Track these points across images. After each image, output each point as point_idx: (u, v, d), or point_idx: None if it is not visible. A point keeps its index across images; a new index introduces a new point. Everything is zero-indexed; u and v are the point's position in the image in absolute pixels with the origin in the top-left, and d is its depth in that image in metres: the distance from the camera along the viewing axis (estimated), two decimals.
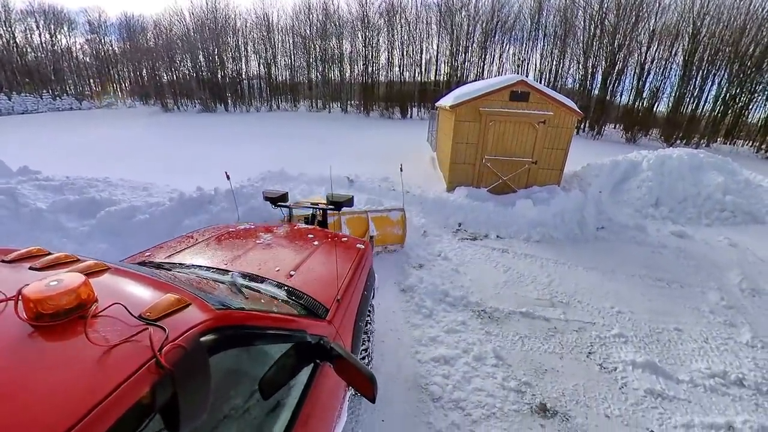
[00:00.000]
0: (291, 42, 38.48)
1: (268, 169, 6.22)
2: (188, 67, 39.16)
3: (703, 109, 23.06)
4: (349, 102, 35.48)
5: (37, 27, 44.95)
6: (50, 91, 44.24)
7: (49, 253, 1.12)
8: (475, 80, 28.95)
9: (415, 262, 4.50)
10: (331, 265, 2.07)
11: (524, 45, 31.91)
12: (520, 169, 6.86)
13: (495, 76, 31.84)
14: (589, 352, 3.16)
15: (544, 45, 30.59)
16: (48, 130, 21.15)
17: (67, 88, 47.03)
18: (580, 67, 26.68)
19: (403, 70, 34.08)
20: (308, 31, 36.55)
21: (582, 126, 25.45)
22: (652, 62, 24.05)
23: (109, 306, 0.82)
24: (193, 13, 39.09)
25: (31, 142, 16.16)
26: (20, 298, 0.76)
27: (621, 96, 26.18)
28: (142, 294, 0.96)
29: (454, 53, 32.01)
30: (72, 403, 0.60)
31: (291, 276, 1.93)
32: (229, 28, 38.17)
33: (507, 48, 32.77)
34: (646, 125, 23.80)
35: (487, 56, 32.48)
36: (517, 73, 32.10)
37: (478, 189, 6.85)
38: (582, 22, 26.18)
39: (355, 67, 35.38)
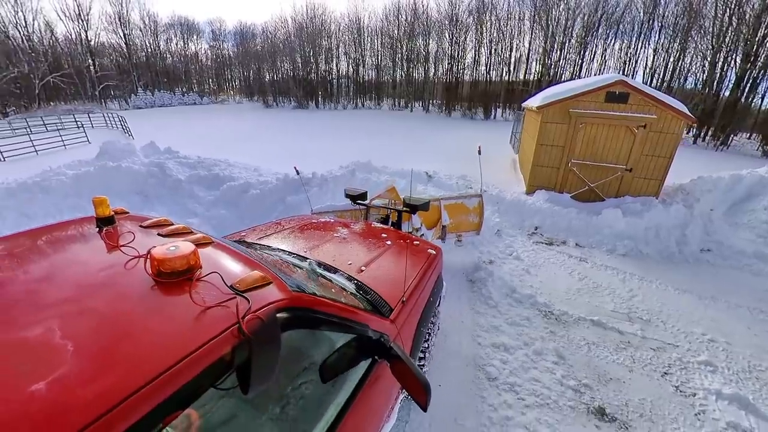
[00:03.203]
0: (379, 43, 40.00)
1: (358, 159, 6.86)
2: (287, 68, 43.53)
3: None
4: (431, 101, 35.52)
5: (175, 36, 54.59)
6: (180, 88, 53.41)
7: (172, 224, 1.32)
8: (571, 79, 26.70)
9: (486, 258, 4.62)
10: (401, 267, 2.10)
11: (633, 39, 28.29)
12: (611, 176, 6.36)
13: (595, 74, 28.87)
14: (665, 373, 2.98)
15: (659, 38, 26.76)
16: (179, 120, 25.70)
17: (193, 87, 56.11)
18: (707, 64, 22.67)
19: (489, 68, 33.04)
20: (396, 32, 37.53)
21: (702, 134, 21.74)
22: None
23: (209, 273, 0.95)
24: (295, 20, 43.10)
25: (168, 129, 19.93)
26: (149, 257, 0.93)
27: (762, 99, 21.61)
28: (235, 267, 1.08)
29: (548, 51, 29.86)
30: (174, 347, 0.72)
31: (361, 271, 2.01)
32: (324, 32, 41.23)
33: (611, 43, 29.42)
34: None
35: (587, 53, 29.59)
36: (623, 72, 28.63)
37: (561, 194, 6.55)
38: (713, 11, 22.14)
39: (440, 66, 35.34)
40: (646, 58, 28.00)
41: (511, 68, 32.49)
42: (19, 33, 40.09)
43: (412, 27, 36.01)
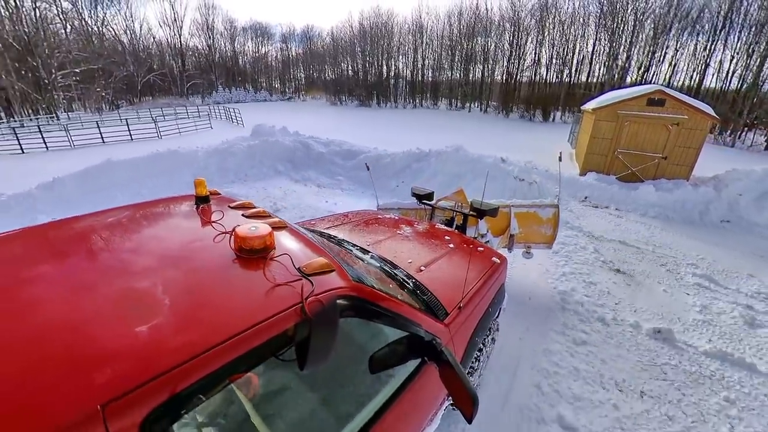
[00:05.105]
0: (439, 44, 41.50)
1: (455, 142, 9.12)
2: (351, 68, 47.02)
3: None
4: (488, 102, 36.36)
5: (250, 39, 60.90)
6: (253, 86, 59.57)
7: (255, 207, 1.51)
8: (640, 82, 26.98)
9: None
10: (461, 272, 2.05)
11: (708, 41, 27.39)
12: (649, 162, 8.13)
13: (665, 77, 28.38)
14: (662, 264, 4.97)
15: (738, 40, 25.75)
16: (267, 113, 29.81)
17: (262, 85, 62.09)
18: None
19: (549, 70, 33.33)
20: (456, 33, 38.67)
21: None
22: None
23: (281, 255, 1.09)
24: (361, 23, 46.15)
25: (265, 120, 23.65)
26: (233, 234, 1.09)
27: None
28: (303, 252, 1.20)
29: (613, 54, 29.72)
30: (246, 316, 0.85)
31: (420, 271, 2.04)
32: (386, 34, 43.84)
33: (686, 44, 28.51)
34: None
35: (656, 55, 28.93)
36: (693, 75, 28.04)
37: (607, 176, 8.41)
38: None
39: (498, 67, 36.09)
40: (722, 60, 27.06)
41: (573, 70, 32.42)
42: (128, 38, 48.13)
43: (472, 29, 36.89)
